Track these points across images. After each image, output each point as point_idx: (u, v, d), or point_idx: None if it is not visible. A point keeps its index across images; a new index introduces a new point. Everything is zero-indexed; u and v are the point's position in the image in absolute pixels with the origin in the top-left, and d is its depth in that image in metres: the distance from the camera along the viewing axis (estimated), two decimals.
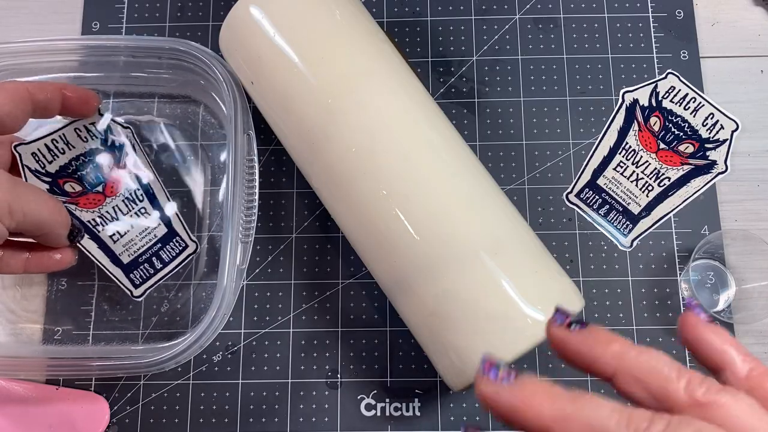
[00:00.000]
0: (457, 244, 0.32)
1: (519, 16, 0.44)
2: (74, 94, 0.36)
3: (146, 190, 0.40)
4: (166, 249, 0.40)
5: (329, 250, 0.41)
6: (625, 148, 0.42)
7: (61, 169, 0.38)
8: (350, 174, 0.33)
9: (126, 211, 0.39)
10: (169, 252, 0.40)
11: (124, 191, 0.39)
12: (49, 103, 0.35)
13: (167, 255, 0.40)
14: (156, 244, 0.40)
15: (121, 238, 0.39)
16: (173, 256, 0.40)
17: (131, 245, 0.39)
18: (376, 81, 0.34)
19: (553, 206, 0.41)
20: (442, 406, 0.38)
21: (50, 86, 0.35)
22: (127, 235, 0.39)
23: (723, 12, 0.45)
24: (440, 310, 0.32)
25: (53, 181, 0.38)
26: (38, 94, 0.34)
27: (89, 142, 0.39)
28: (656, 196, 0.41)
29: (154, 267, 0.39)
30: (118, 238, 0.39)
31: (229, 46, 0.37)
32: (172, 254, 0.40)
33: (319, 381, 0.39)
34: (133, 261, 0.39)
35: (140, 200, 0.40)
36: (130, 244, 0.39)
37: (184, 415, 0.39)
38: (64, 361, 0.36)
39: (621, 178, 0.41)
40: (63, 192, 0.38)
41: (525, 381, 0.19)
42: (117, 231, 0.39)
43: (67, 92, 0.36)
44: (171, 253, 0.40)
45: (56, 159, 0.38)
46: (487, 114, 0.43)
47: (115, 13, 0.45)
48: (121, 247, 0.39)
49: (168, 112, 0.42)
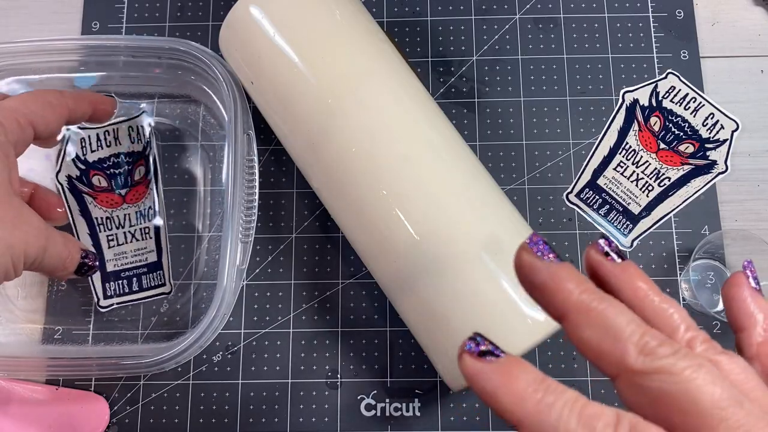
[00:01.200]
0: (457, 244, 0.32)
1: (519, 16, 0.44)
2: (105, 106, 0.38)
3: (155, 214, 0.40)
4: (148, 276, 0.40)
5: (329, 250, 0.41)
6: (626, 148, 0.42)
7: (98, 161, 0.39)
8: (350, 174, 0.33)
9: (134, 224, 0.40)
10: (148, 280, 0.40)
11: (141, 205, 0.40)
12: (84, 115, 0.36)
13: (146, 282, 0.40)
14: (142, 267, 0.40)
15: (116, 247, 0.39)
16: (149, 287, 0.40)
17: (122, 257, 0.40)
18: (376, 81, 0.34)
19: (553, 206, 0.41)
20: (442, 406, 0.38)
21: (87, 98, 0.36)
22: (123, 246, 0.40)
23: (723, 12, 0.45)
24: (440, 310, 0.32)
25: (86, 170, 0.39)
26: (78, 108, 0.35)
27: (135, 144, 0.40)
28: (656, 196, 0.41)
29: (130, 287, 0.40)
30: (114, 245, 0.39)
31: (229, 46, 0.37)
32: (150, 284, 0.40)
33: (319, 381, 0.39)
34: (114, 272, 0.40)
35: (149, 219, 0.40)
36: (122, 255, 0.40)
37: (184, 415, 0.39)
38: (64, 361, 0.36)
39: (621, 178, 0.41)
40: (89, 183, 0.39)
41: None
42: (116, 236, 0.39)
43: (99, 104, 0.37)
44: (149, 283, 0.40)
45: (99, 150, 0.39)
46: (487, 114, 0.43)
47: (115, 13, 0.45)
48: (111, 254, 0.39)
49: (168, 112, 0.42)
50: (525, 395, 0.18)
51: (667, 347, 0.18)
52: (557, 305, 0.19)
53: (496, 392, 0.19)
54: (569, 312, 0.19)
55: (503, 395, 0.19)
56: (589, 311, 0.19)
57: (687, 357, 0.18)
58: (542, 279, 0.20)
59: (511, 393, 0.19)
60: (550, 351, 0.39)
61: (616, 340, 0.18)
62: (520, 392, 0.19)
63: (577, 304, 0.19)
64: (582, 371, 0.39)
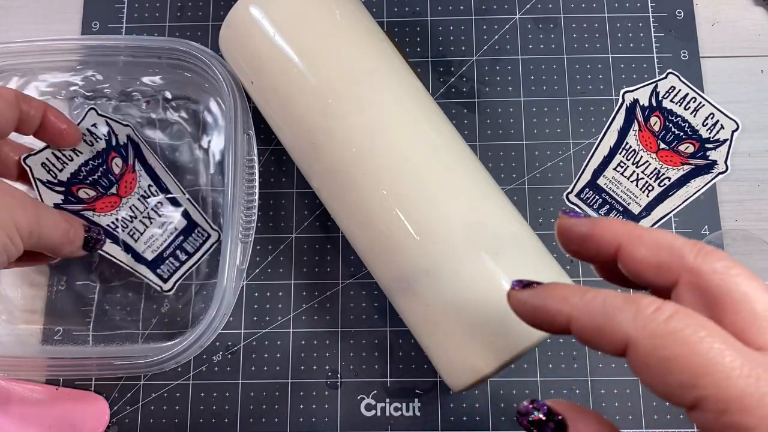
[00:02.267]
0: (457, 244, 0.32)
1: (519, 16, 0.44)
2: (56, 118, 0.36)
3: (159, 184, 0.40)
4: (189, 240, 0.40)
5: (329, 250, 0.41)
6: (626, 148, 0.42)
7: (72, 176, 0.38)
8: (350, 174, 0.33)
9: (143, 209, 0.40)
10: (192, 243, 0.40)
11: (138, 189, 0.40)
12: (31, 118, 0.35)
13: (191, 246, 0.40)
14: (178, 237, 0.40)
15: (142, 236, 0.39)
16: (197, 247, 0.40)
17: (153, 241, 0.39)
18: (377, 81, 0.34)
19: (553, 206, 0.41)
20: (442, 406, 0.38)
21: (35, 101, 0.35)
22: (147, 231, 0.39)
23: (723, 12, 0.45)
24: (440, 309, 0.32)
25: (67, 190, 0.38)
26: (23, 104, 0.34)
27: (95, 145, 0.39)
28: (656, 196, 0.41)
29: (179, 259, 0.40)
30: (139, 237, 0.39)
31: (229, 46, 0.37)
32: (196, 245, 0.40)
33: (319, 381, 0.39)
34: (158, 256, 0.40)
35: (155, 194, 0.40)
36: (152, 240, 0.39)
37: (184, 415, 0.39)
38: (64, 361, 0.36)
39: (621, 178, 0.41)
40: (78, 199, 0.38)
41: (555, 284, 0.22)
42: (136, 229, 0.39)
43: (50, 114, 0.36)
44: (194, 244, 0.40)
45: (66, 167, 0.38)
46: (487, 114, 0.43)
47: (115, 13, 0.45)
48: (143, 245, 0.39)
49: (168, 112, 0.42)
50: (568, 294, 0.21)
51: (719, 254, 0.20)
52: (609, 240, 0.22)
53: (544, 303, 0.21)
54: (622, 241, 0.21)
55: (551, 302, 0.21)
56: (640, 234, 0.21)
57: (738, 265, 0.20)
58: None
59: (557, 297, 0.21)
60: (550, 351, 0.39)
61: (672, 248, 0.21)
62: (564, 294, 0.21)
63: (626, 232, 0.21)
64: (582, 371, 0.39)
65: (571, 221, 0.23)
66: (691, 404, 0.18)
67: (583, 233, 0.22)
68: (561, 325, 0.21)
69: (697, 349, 0.17)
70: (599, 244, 0.22)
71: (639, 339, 0.18)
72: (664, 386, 0.18)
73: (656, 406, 0.38)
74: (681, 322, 0.18)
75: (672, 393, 0.18)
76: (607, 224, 0.22)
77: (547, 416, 0.21)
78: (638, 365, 0.19)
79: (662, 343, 0.18)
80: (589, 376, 0.39)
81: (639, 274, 0.21)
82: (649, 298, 0.19)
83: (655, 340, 0.18)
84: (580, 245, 0.23)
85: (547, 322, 0.21)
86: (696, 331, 0.18)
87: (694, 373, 0.17)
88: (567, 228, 0.23)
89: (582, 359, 0.39)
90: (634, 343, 0.19)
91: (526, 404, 0.22)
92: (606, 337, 0.19)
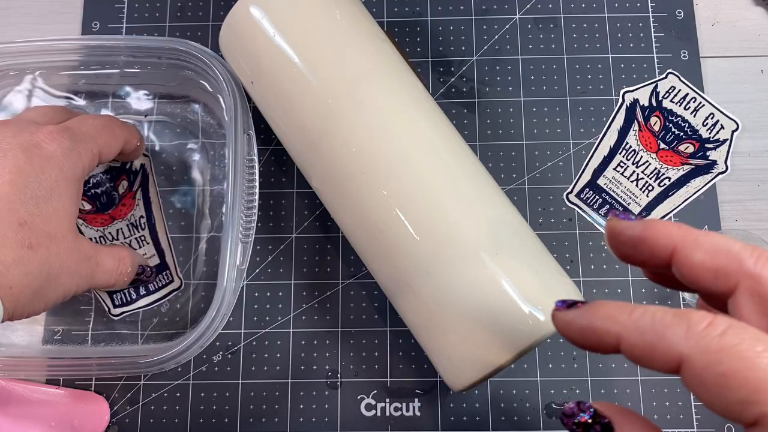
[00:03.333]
0: (457, 244, 0.32)
1: (519, 16, 0.44)
2: (141, 144, 0.39)
3: (149, 219, 0.41)
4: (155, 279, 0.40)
5: (329, 250, 0.41)
6: (626, 148, 0.42)
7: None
8: (350, 174, 0.33)
9: (127, 236, 0.40)
10: (155, 282, 0.40)
11: (131, 216, 0.40)
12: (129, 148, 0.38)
13: (153, 285, 0.40)
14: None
15: None
16: (157, 288, 0.40)
17: None
18: (377, 81, 0.34)
19: (553, 206, 0.41)
20: (442, 406, 0.38)
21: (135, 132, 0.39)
22: None
23: (723, 12, 0.45)
24: (440, 310, 0.32)
25: None
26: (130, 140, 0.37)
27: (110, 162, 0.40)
28: (656, 196, 0.41)
29: (137, 293, 0.40)
30: None
31: (229, 46, 0.37)
32: (157, 286, 0.40)
33: (319, 381, 0.39)
34: None
35: (142, 228, 0.40)
36: None
37: (184, 415, 0.39)
38: (64, 361, 0.36)
39: (621, 178, 0.41)
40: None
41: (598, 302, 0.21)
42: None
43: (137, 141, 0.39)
44: (156, 285, 0.40)
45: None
46: (487, 114, 0.43)
47: (115, 13, 0.45)
48: None
49: (168, 112, 0.42)
50: (615, 312, 0.20)
51: None
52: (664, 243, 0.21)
53: (591, 323, 0.21)
54: (677, 245, 0.21)
55: (598, 322, 0.20)
56: (696, 237, 0.20)
57: None
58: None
59: (603, 316, 0.20)
60: (550, 351, 0.39)
61: (730, 253, 0.20)
62: (611, 312, 0.20)
63: (681, 235, 0.21)
64: (582, 371, 0.39)
65: (622, 224, 0.22)
66: (752, 421, 0.17)
67: (636, 236, 0.21)
68: (610, 345, 0.20)
69: (754, 364, 0.17)
70: (653, 248, 0.21)
71: (693, 356, 0.18)
72: (722, 404, 0.18)
73: (656, 406, 0.38)
74: (736, 337, 0.18)
75: (731, 410, 0.18)
76: (662, 226, 0.21)
77: (593, 419, 0.21)
78: (693, 383, 0.18)
79: (717, 359, 0.17)
80: (589, 376, 0.39)
81: (696, 280, 0.20)
82: (700, 313, 0.18)
83: (710, 356, 0.18)
84: (633, 249, 0.22)
85: (595, 343, 0.21)
86: (752, 345, 0.17)
87: (753, 390, 0.17)
88: (618, 231, 0.22)
89: (582, 359, 0.39)
90: (687, 361, 0.18)
91: (571, 405, 0.21)
92: (658, 355, 0.19)
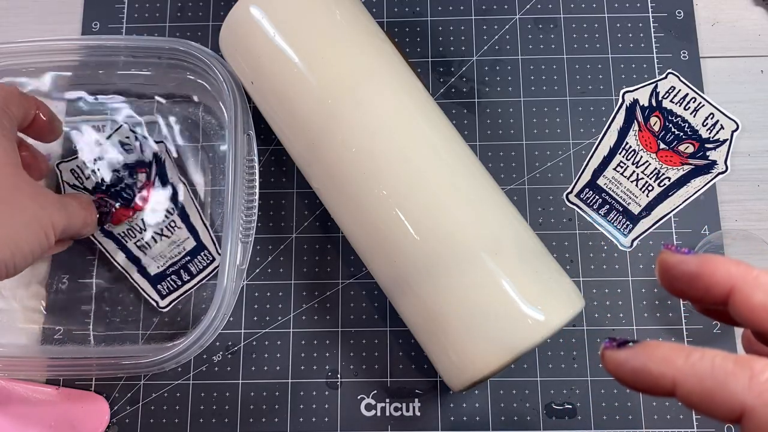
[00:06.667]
0: (457, 244, 0.32)
1: (519, 16, 0.44)
2: (47, 116, 0.37)
3: (176, 203, 0.41)
4: (194, 262, 0.40)
5: (329, 250, 0.41)
6: (625, 148, 0.42)
7: (96, 186, 0.40)
8: (350, 174, 0.33)
9: (155, 223, 0.40)
10: (196, 265, 0.40)
11: (155, 204, 0.41)
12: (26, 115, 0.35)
13: (195, 267, 0.40)
14: (185, 257, 0.40)
15: (150, 250, 0.40)
16: (200, 269, 0.40)
17: (160, 257, 0.40)
18: (377, 81, 0.34)
19: (553, 206, 0.41)
20: (442, 406, 0.38)
21: (29, 97, 0.36)
22: (156, 246, 0.40)
23: (723, 12, 0.45)
24: (440, 310, 0.32)
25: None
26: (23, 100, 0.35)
27: (125, 157, 0.41)
28: (656, 196, 0.41)
29: (181, 279, 0.40)
30: (148, 250, 0.40)
31: (229, 46, 0.37)
32: (200, 267, 0.40)
33: (319, 381, 0.39)
34: (161, 273, 0.40)
35: (170, 213, 0.40)
36: (159, 256, 0.40)
37: (184, 415, 0.39)
38: (64, 361, 0.36)
39: (621, 178, 0.41)
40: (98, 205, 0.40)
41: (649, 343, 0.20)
42: (146, 242, 0.40)
43: (40, 111, 0.36)
44: (198, 266, 0.40)
45: (94, 175, 0.40)
46: (487, 114, 0.43)
47: (115, 13, 0.45)
48: (149, 259, 0.40)
49: (168, 112, 0.42)
50: (672, 356, 0.19)
51: None
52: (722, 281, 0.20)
53: (646, 365, 0.19)
54: (736, 284, 0.20)
55: (653, 365, 0.19)
56: (757, 276, 0.19)
57: None
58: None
59: (659, 359, 0.19)
60: (550, 351, 0.39)
61: None
62: (667, 355, 0.19)
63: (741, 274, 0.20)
64: (582, 371, 0.39)
65: (676, 258, 0.21)
66: None
67: (691, 272, 0.20)
68: (665, 389, 0.19)
69: None
70: (709, 286, 0.20)
71: (756, 407, 0.17)
72: None
73: (656, 406, 0.38)
74: None
75: None
76: (720, 263, 0.20)
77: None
78: None
79: None
80: (589, 376, 0.39)
81: (756, 322, 0.19)
82: (764, 362, 0.18)
83: None
84: (687, 285, 0.21)
85: (649, 386, 0.20)
86: None
87: None
88: (671, 266, 0.21)
89: (582, 359, 0.39)
90: (750, 412, 0.17)
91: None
92: (717, 404, 0.18)
